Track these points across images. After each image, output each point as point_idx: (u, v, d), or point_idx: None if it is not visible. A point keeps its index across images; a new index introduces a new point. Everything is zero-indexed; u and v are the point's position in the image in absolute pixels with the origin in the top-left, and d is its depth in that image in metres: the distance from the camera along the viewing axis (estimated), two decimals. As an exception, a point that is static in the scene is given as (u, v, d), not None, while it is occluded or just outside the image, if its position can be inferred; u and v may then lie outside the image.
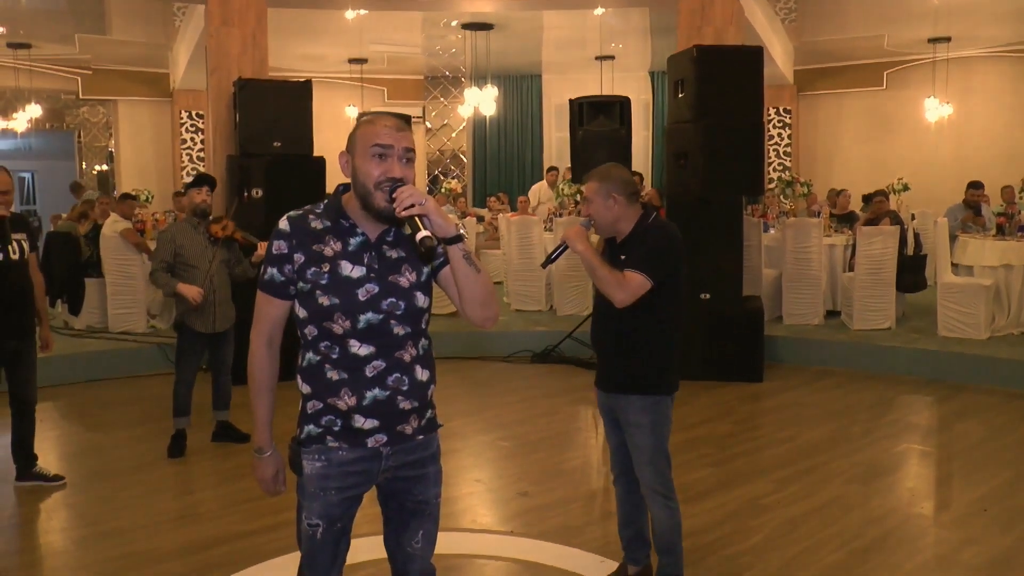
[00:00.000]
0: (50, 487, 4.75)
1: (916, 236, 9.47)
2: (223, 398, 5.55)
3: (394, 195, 2.07)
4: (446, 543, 2.63)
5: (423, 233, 2.01)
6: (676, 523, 3.27)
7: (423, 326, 2.25)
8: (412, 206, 2.03)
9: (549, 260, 3.31)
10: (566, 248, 3.18)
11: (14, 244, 4.53)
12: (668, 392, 3.23)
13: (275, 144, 7.39)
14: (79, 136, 14.85)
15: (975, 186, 9.77)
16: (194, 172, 14.77)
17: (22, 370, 4.68)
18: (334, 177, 3.41)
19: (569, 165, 10.21)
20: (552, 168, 13.54)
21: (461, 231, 2.16)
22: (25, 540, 4.24)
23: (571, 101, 7.67)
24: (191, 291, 5.14)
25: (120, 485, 4.86)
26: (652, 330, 3.19)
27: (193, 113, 14.94)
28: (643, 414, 3.19)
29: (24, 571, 3.82)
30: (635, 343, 3.19)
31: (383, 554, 2.39)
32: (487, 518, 4.46)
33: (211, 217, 5.40)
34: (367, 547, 3.20)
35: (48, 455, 5.36)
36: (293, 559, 2.53)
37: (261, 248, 5.35)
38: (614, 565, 3.60)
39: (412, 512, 2.30)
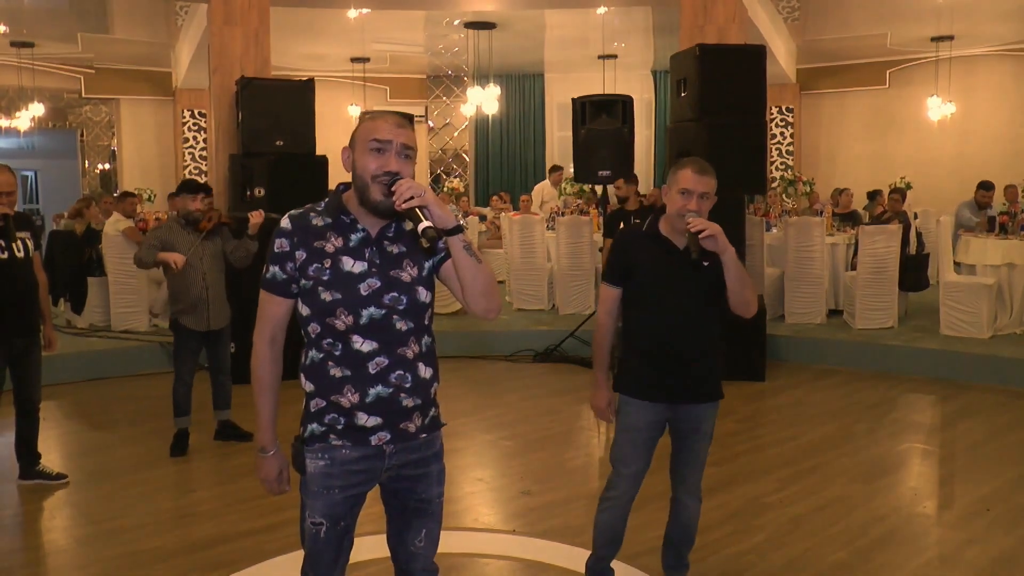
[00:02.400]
0: (53, 485, 4.76)
1: (918, 235, 9.47)
2: (223, 398, 5.54)
3: (393, 188, 2.08)
4: (448, 542, 2.63)
5: (425, 223, 2.02)
6: None
7: (426, 322, 2.25)
8: (411, 198, 2.05)
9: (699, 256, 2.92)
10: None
11: (18, 243, 4.54)
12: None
13: (277, 143, 7.38)
14: (82, 135, 14.86)
15: (985, 187, 9.70)
16: (196, 171, 14.79)
17: (27, 369, 4.69)
18: (336, 176, 3.39)
19: (567, 164, 10.20)
20: (557, 167, 13.44)
21: (460, 222, 2.17)
22: (28, 538, 4.24)
23: (573, 100, 7.66)
24: (173, 256, 5.13)
25: (122, 484, 4.87)
26: (718, 335, 3.16)
27: (195, 112, 14.95)
28: (712, 421, 3.17)
29: (27, 569, 3.83)
30: (714, 349, 3.14)
31: (386, 553, 2.40)
32: (489, 517, 4.46)
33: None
34: (370, 546, 3.20)
35: (51, 453, 5.37)
36: (295, 558, 2.53)
37: (254, 216, 5.38)
38: (617, 564, 3.58)
39: (415, 511, 2.31)
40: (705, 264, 2.96)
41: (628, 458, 3.16)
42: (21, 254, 4.54)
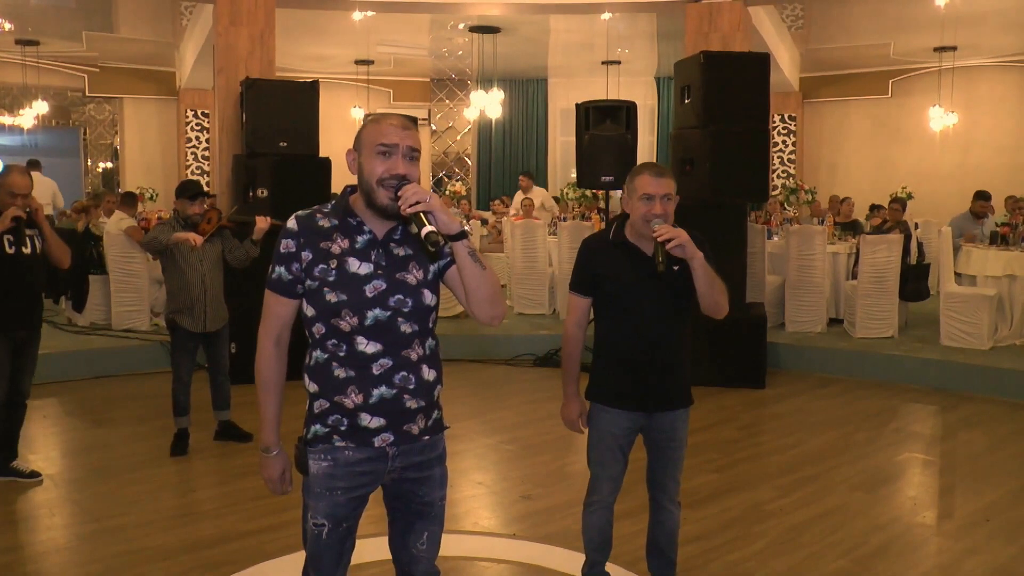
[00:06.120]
0: (27, 483, 4.74)
1: (919, 245, 9.46)
2: (222, 398, 5.55)
3: (399, 192, 2.09)
4: (448, 545, 2.63)
5: (428, 228, 2.03)
6: None
7: (430, 325, 2.26)
8: (417, 203, 2.05)
9: (668, 267, 2.87)
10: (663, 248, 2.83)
11: (27, 240, 4.61)
12: None
13: (281, 144, 7.39)
14: (85, 133, 14.89)
15: (982, 196, 9.70)
16: (199, 171, 14.80)
17: (24, 361, 4.72)
18: (339, 177, 3.39)
19: (569, 169, 10.18)
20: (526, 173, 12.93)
21: (465, 228, 2.18)
22: (28, 535, 4.24)
23: (577, 105, 7.67)
24: (191, 235, 5.16)
25: (123, 482, 4.87)
26: (688, 340, 3.14)
27: (199, 112, 14.97)
28: (686, 426, 3.15)
29: (27, 567, 3.82)
30: (684, 354, 3.12)
31: (388, 555, 2.40)
32: (489, 521, 4.46)
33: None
34: (372, 548, 3.21)
35: (51, 451, 5.38)
36: (296, 559, 2.54)
37: (260, 222, 5.40)
38: (615, 568, 3.59)
39: (417, 513, 2.31)
40: (675, 268, 2.91)
41: (606, 461, 3.17)
42: (28, 250, 4.62)
